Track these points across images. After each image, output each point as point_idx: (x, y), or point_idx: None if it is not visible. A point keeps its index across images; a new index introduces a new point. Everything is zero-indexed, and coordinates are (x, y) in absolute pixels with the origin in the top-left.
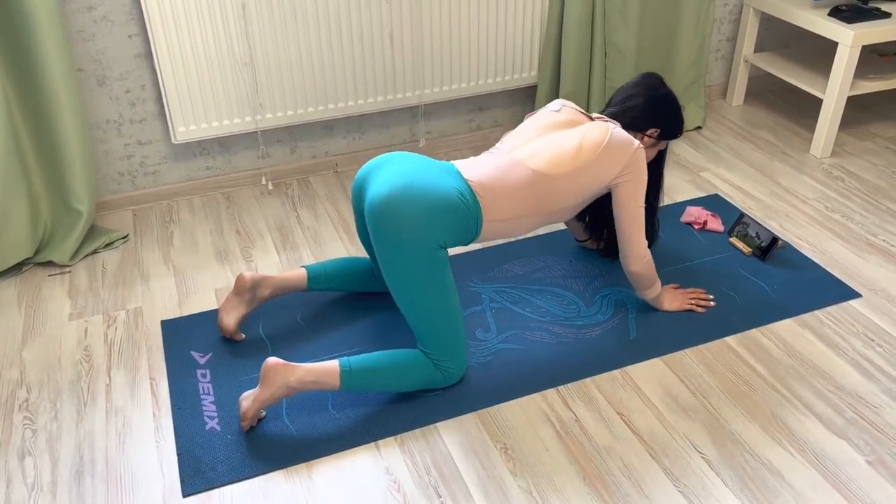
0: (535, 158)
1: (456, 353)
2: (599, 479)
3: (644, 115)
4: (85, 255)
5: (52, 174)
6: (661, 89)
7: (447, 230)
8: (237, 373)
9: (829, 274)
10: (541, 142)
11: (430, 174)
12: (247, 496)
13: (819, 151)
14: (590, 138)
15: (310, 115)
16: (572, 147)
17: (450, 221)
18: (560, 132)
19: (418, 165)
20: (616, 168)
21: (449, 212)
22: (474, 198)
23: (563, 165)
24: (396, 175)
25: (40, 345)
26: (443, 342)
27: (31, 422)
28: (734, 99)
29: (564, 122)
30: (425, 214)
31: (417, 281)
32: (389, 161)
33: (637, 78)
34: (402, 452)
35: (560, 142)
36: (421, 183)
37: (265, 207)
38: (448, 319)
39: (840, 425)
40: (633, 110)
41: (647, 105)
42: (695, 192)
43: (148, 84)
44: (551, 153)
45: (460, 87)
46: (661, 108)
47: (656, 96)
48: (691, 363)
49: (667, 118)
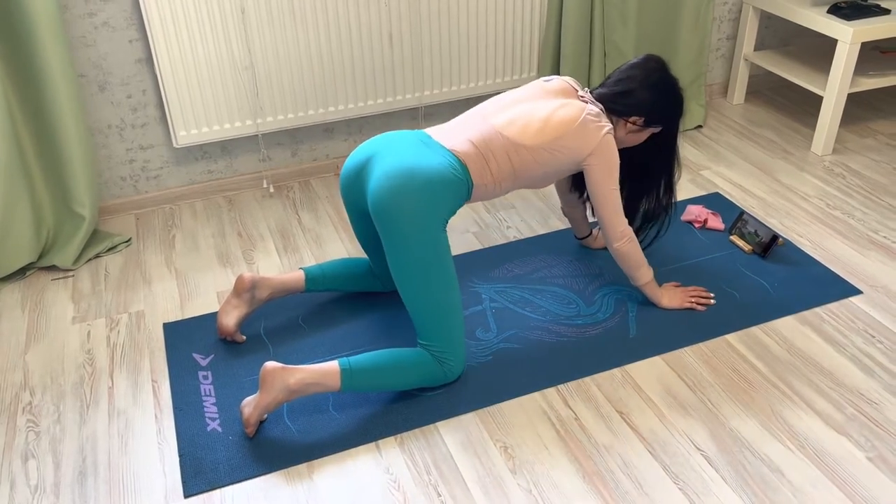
0: (508, 127)
1: (456, 345)
2: (599, 477)
3: (630, 101)
4: (88, 259)
5: (55, 179)
6: (655, 75)
7: (448, 204)
8: (239, 374)
9: (830, 271)
10: (516, 109)
11: (420, 156)
12: (248, 497)
13: (820, 149)
14: (560, 115)
15: (310, 117)
16: (540, 119)
17: (449, 196)
18: (537, 102)
19: (406, 149)
20: (582, 152)
21: (448, 188)
22: (463, 166)
23: (529, 136)
24: (393, 166)
25: (44, 348)
26: (445, 333)
27: (34, 424)
28: (735, 97)
29: (550, 90)
30: (429, 199)
31: (424, 268)
32: (376, 153)
33: (639, 59)
34: (402, 452)
35: (532, 112)
36: (418, 168)
37: (266, 210)
38: (451, 309)
39: (840, 422)
40: (620, 96)
41: (636, 92)
42: (695, 191)
43: (149, 89)
44: (522, 122)
45: (460, 88)
46: (651, 96)
47: (647, 84)
48: (691, 361)
49: (656, 107)
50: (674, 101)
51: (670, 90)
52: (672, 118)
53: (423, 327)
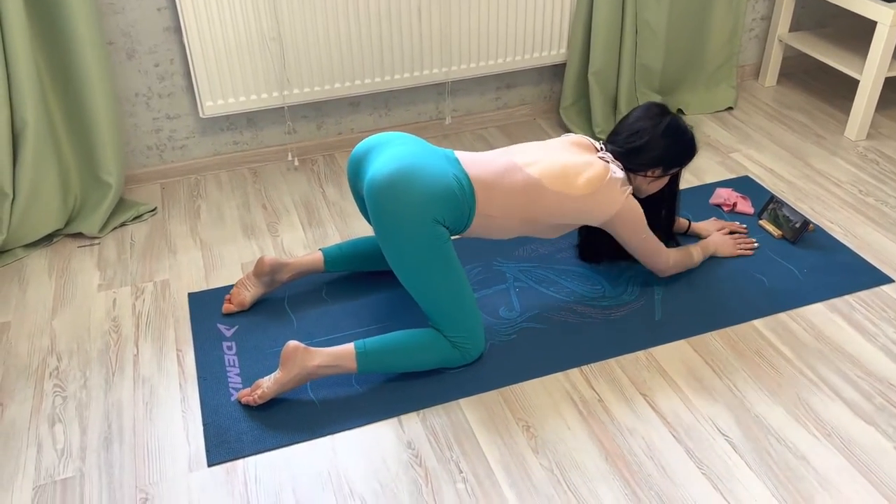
0: (534, 166)
1: (470, 330)
2: (622, 458)
3: (645, 157)
4: (114, 227)
5: (82, 147)
6: (662, 124)
7: (444, 214)
8: (262, 346)
9: (861, 258)
10: (544, 155)
11: (430, 159)
12: (271, 467)
13: (854, 134)
14: (589, 174)
15: (336, 91)
16: (572, 173)
17: (446, 206)
18: (568, 154)
19: (418, 149)
20: (605, 213)
21: (446, 197)
22: (471, 188)
23: (557, 184)
24: (397, 157)
25: (70, 314)
26: (454, 322)
27: (61, 389)
28: (767, 79)
29: (575, 143)
30: (423, 196)
31: (420, 261)
32: (388, 142)
33: (641, 110)
34: (424, 428)
35: (563, 162)
36: (420, 165)
37: (291, 183)
38: (456, 298)
39: (868, 411)
40: (635, 153)
41: (649, 145)
42: (724, 174)
43: (177, 58)
44: (552, 168)
45: (488, 64)
46: (664, 145)
47: (658, 134)
48: (717, 346)
49: (670, 155)
50: (687, 143)
51: (681, 133)
52: (687, 157)
53: (432, 318)
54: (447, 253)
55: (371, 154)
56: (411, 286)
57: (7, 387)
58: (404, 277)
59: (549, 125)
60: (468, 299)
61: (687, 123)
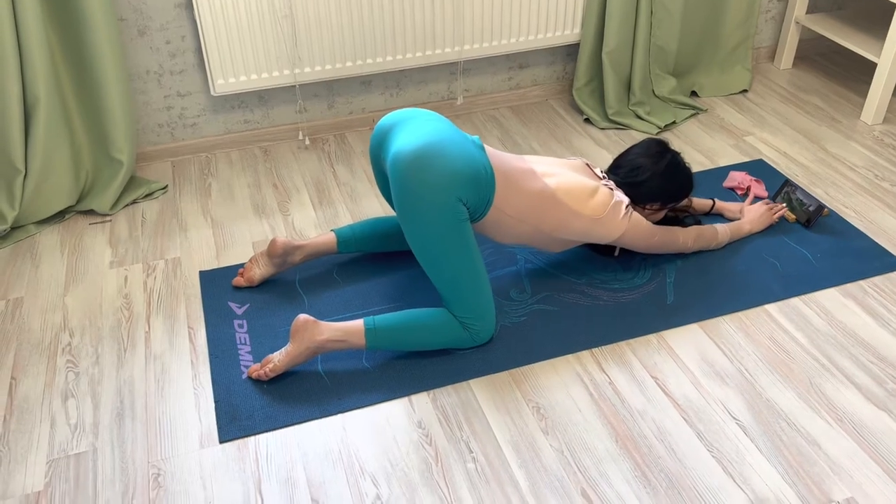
0: (551, 178)
1: (482, 313)
2: (632, 441)
3: (644, 192)
4: (125, 204)
5: (94, 124)
6: (662, 162)
7: (467, 195)
8: (274, 324)
9: (876, 243)
10: (560, 171)
11: (458, 139)
12: (282, 445)
13: (870, 118)
14: (597, 199)
15: (348, 69)
16: (585, 194)
17: (470, 188)
18: (579, 175)
19: (446, 126)
20: (610, 236)
21: (472, 179)
22: (493, 178)
23: (569, 199)
24: (427, 132)
25: (82, 291)
26: (467, 303)
27: (73, 365)
28: (783, 62)
29: (580, 167)
30: (450, 173)
31: (439, 238)
32: (415, 117)
33: (641, 148)
34: (434, 408)
35: (577, 181)
36: (449, 143)
37: (302, 162)
38: (472, 280)
39: (881, 397)
40: (634, 187)
41: (648, 182)
42: (738, 157)
43: (188, 35)
44: (567, 184)
45: (500, 43)
46: (663, 183)
47: (657, 172)
48: (729, 330)
49: (669, 192)
50: (684, 180)
51: (679, 172)
52: (684, 194)
53: (445, 298)
54: (466, 232)
55: (398, 127)
56: (427, 263)
57: (20, 362)
58: (421, 253)
59: (561, 106)
60: (482, 281)
61: (685, 161)
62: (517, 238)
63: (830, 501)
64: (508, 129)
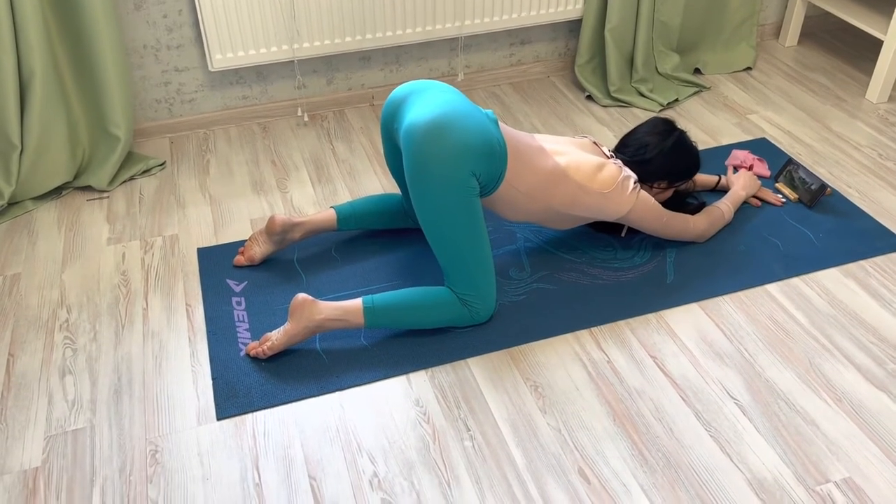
0: (561, 157)
1: (484, 291)
2: (629, 420)
3: (651, 170)
4: (122, 180)
5: (90, 99)
6: (669, 141)
7: (480, 168)
8: (272, 301)
9: (878, 223)
10: (570, 150)
11: (473, 112)
12: (279, 422)
13: (875, 96)
14: (605, 173)
15: (347, 45)
16: (593, 169)
17: (483, 161)
18: (588, 152)
19: (460, 99)
20: (619, 211)
21: (486, 152)
22: (506, 153)
23: (579, 175)
24: (442, 103)
25: (80, 268)
26: (471, 279)
27: (71, 341)
28: (787, 39)
29: (588, 145)
30: (464, 145)
31: (448, 210)
32: (429, 89)
33: (648, 126)
34: (432, 386)
35: (586, 158)
36: (464, 115)
37: (301, 139)
38: (477, 256)
39: (880, 377)
40: (640, 165)
41: (655, 160)
42: (741, 136)
43: (185, 9)
44: (577, 161)
45: (502, 19)
46: (670, 160)
47: (664, 151)
48: (729, 309)
49: (677, 168)
50: (692, 160)
51: (686, 150)
52: (691, 172)
53: (448, 273)
54: (475, 207)
55: (411, 98)
56: (434, 236)
57: (18, 338)
58: (429, 226)
59: (563, 83)
60: (487, 259)
61: (692, 140)
62: (527, 215)
63: (828, 481)
64: (510, 106)
